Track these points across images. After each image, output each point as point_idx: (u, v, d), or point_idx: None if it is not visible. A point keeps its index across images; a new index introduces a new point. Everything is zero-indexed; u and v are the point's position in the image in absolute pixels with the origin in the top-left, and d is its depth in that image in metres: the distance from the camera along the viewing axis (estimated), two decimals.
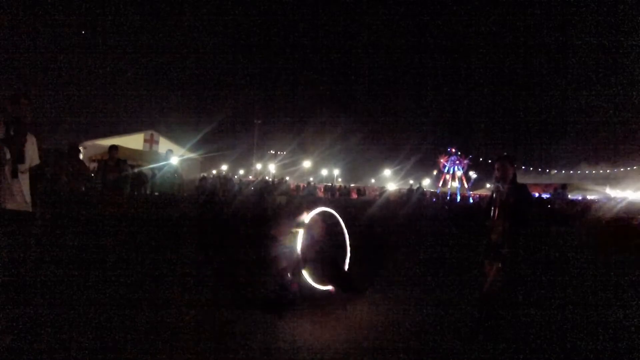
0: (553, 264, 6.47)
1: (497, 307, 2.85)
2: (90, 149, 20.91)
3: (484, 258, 2.95)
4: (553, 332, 3.26)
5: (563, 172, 51.48)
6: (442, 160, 45.83)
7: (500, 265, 2.77)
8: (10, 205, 2.92)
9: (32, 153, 3.09)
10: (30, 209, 3.07)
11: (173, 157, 7.19)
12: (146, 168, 8.61)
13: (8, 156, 2.88)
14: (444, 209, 15.70)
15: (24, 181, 3.02)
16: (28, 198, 3.05)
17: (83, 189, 6.28)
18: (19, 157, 2.94)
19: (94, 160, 18.75)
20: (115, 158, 5.64)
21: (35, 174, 3.17)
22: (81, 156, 19.75)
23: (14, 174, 2.90)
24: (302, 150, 43.47)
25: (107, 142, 21.19)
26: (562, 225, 9.32)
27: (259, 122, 38.13)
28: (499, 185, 2.93)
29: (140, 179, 8.62)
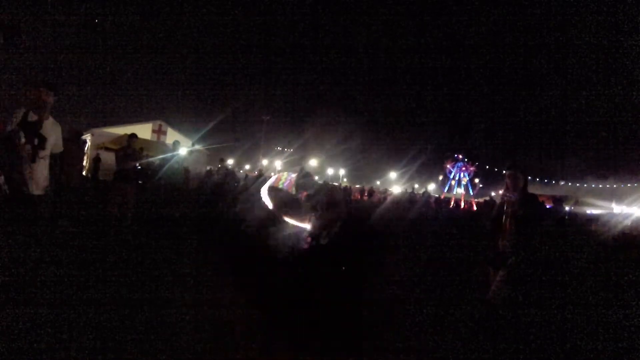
0: (553, 264, 6.47)
1: (497, 308, 2.83)
2: (98, 136, 20.86)
3: (488, 265, 2.92)
4: (553, 332, 3.26)
5: (570, 184, 50.77)
6: (448, 166, 45.76)
7: (505, 274, 2.72)
8: (25, 191, 2.94)
9: (55, 139, 3.11)
10: (42, 193, 3.06)
11: (181, 148, 7.09)
12: (154, 159, 8.52)
13: (23, 140, 2.89)
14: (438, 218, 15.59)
15: (44, 167, 3.04)
16: (44, 183, 3.04)
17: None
18: (40, 143, 2.95)
19: (100, 148, 18.72)
20: (133, 147, 5.52)
21: (55, 160, 3.19)
22: (87, 146, 19.56)
23: (33, 159, 2.92)
24: (309, 148, 43.26)
25: (115, 130, 21.18)
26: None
27: (267, 117, 37.94)
28: (510, 195, 2.83)
29: (151, 170, 8.50)
